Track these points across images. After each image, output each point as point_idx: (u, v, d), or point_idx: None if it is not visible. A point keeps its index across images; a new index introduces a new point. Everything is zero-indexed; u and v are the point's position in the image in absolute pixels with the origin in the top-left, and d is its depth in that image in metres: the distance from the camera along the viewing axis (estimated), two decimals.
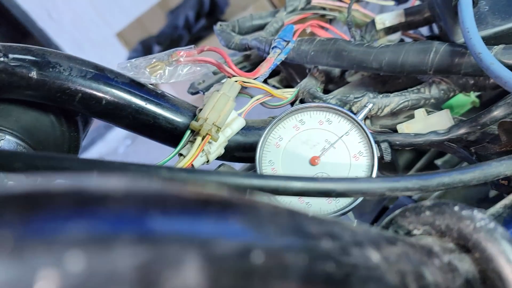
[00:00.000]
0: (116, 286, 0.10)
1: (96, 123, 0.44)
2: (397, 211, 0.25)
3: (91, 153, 2.71)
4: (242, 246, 0.13)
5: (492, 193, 0.47)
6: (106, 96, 0.40)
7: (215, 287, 0.12)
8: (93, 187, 0.11)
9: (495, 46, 0.37)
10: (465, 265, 0.22)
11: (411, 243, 0.21)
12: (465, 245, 0.23)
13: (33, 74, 0.38)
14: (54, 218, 0.10)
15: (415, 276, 0.20)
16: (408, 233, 0.24)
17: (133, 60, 0.44)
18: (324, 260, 0.15)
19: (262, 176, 0.25)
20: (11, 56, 0.38)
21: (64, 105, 0.41)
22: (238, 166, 0.61)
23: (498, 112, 0.36)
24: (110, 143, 2.74)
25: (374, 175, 0.36)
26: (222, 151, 0.42)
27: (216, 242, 0.12)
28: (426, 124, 0.40)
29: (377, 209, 0.57)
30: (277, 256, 0.14)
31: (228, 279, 0.12)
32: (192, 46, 0.45)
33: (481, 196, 0.49)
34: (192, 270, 0.11)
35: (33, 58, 0.39)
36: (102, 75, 0.41)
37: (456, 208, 0.23)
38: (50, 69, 0.39)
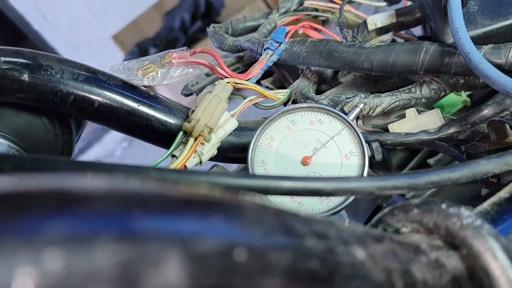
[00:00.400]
0: (96, 284, 0.10)
1: (93, 126, 0.44)
2: (385, 210, 0.25)
3: (88, 155, 2.71)
4: (225, 244, 0.13)
5: (484, 191, 0.47)
6: (99, 98, 0.40)
7: (197, 284, 0.12)
8: (74, 187, 0.11)
9: (484, 46, 0.37)
10: (452, 261, 0.22)
11: (398, 240, 0.22)
12: (453, 242, 0.23)
13: (25, 77, 0.38)
14: (34, 218, 0.10)
15: (402, 273, 0.20)
16: (397, 231, 0.24)
17: (125, 62, 0.44)
18: (308, 258, 0.15)
19: (252, 176, 0.25)
20: (2, 59, 0.38)
21: (57, 107, 0.41)
22: (232, 167, 0.61)
23: (487, 111, 0.36)
24: (107, 145, 2.74)
25: (365, 174, 0.36)
26: (215, 152, 0.42)
27: (198, 241, 0.12)
28: (417, 124, 0.40)
29: (371, 208, 0.57)
30: (260, 254, 0.14)
31: (210, 277, 0.12)
32: (185, 48, 0.45)
33: (473, 195, 0.49)
34: (173, 268, 0.11)
35: (25, 61, 0.39)
36: (94, 77, 0.41)
37: (444, 206, 0.23)
38: (42, 72, 0.39)
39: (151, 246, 0.11)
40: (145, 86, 0.45)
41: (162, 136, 0.43)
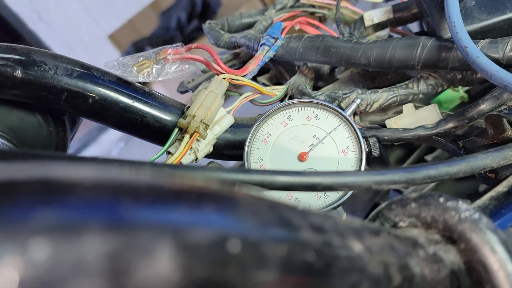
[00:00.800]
0: (84, 274, 0.10)
1: (89, 126, 0.44)
2: (383, 204, 0.25)
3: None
4: (218, 235, 0.12)
5: (482, 188, 0.47)
6: (93, 95, 0.40)
7: (189, 275, 0.11)
8: (61, 176, 0.11)
9: (481, 40, 0.37)
10: (450, 256, 0.22)
11: (396, 234, 0.21)
12: (451, 236, 0.22)
13: (18, 73, 0.38)
14: (19, 206, 0.09)
15: (400, 267, 0.20)
16: (394, 226, 0.24)
17: (120, 58, 0.44)
18: (304, 250, 0.15)
19: (247, 171, 0.25)
20: None
21: (51, 104, 0.40)
22: (229, 165, 0.60)
23: (485, 105, 0.36)
24: (103, 146, 2.72)
25: (362, 170, 0.36)
26: (211, 149, 0.42)
27: (190, 231, 0.12)
28: (414, 119, 0.40)
29: (369, 206, 0.57)
30: (255, 246, 0.13)
31: (203, 268, 0.12)
32: (180, 43, 0.45)
33: (471, 192, 0.49)
34: (164, 258, 0.11)
35: (18, 57, 0.38)
36: (88, 73, 0.40)
37: (441, 199, 0.23)
38: (35, 68, 0.38)
39: (141, 236, 0.11)
40: (140, 83, 0.44)
41: (158, 133, 0.43)
